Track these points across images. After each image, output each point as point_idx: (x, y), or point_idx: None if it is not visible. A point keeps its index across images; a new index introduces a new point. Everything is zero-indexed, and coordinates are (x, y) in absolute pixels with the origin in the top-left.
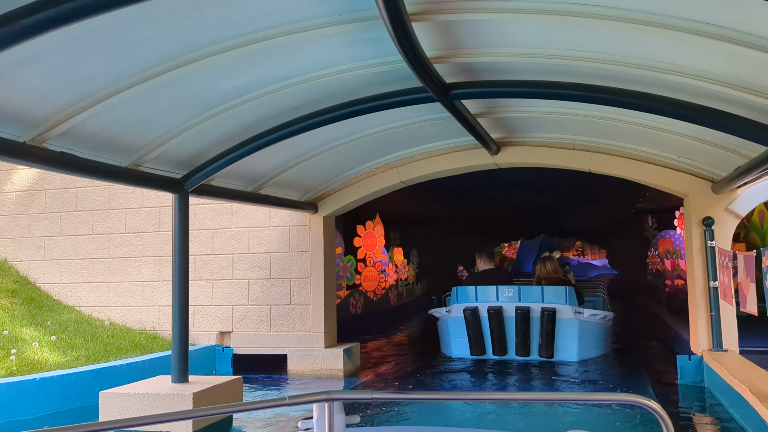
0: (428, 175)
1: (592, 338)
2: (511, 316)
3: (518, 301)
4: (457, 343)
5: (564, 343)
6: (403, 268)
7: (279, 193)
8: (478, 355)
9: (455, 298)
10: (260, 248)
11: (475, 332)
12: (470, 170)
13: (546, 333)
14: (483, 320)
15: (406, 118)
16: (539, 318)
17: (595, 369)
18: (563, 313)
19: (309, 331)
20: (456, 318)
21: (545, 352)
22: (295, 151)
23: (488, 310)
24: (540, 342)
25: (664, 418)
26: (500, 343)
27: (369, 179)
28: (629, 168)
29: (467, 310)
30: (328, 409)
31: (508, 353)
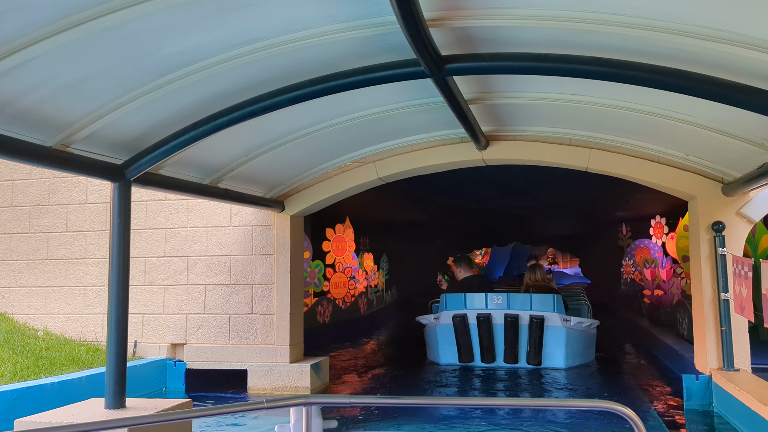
0: (409, 171)
1: (578, 346)
2: (499, 324)
3: (507, 309)
4: (445, 351)
5: (552, 350)
6: (373, 274)
7: (241, 188)
8: (467, 362)
9: (444, 305)
10: (219, 250)
11: (464, 339)
12: (455, 167)
13: (534, 340)
14: (472, 327)
15: (389, 103)
16: (528, 325)
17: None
18: (551, 321)
19: (272, 344)
20: (444, 325)
21: (533, 359)
22: (259, 139)
23: (477, 317)
24: (528, 349)
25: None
26: (489, 350)
27: (343, 175)
28: (630, 166)
29: (456, 317)
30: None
31: (497, 360)
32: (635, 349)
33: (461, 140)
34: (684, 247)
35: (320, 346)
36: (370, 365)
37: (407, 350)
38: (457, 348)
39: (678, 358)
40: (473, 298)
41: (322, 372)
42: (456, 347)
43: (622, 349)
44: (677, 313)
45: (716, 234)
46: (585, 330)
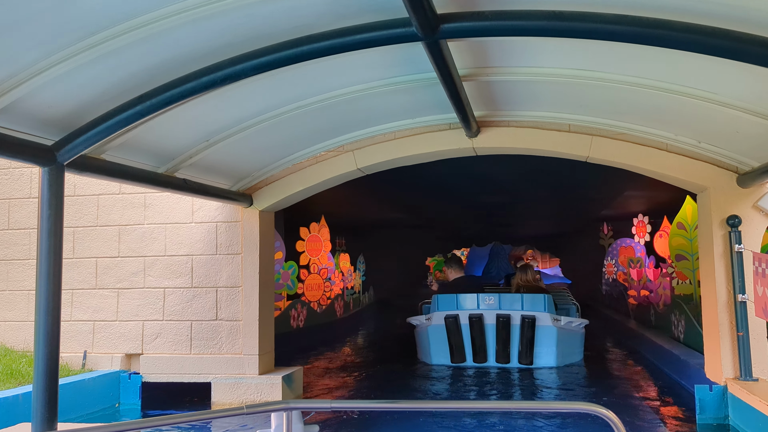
0: (391, 161)
1: (568, 345)
2: (491, 324)
3: (499, 309)
4: (437, 351)
5: (543, 350)
6: (350, 275)
7: (203, 179)
8: (459, 363)
9: (435, 305)
10: (180, 249)
11: (456, 340)
12: (442, 156)
13: (526, 340)
14: (464, 328)
15: (369, 80)
16: (519, 325)
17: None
18: (542, 321)
19: (239, 354)
20: (436, 326)
21: (525, 359)
22: (221, 120)
23: (470, 317)
24: (520, 349)
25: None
26: (481, 350)
27: (318, 165)
28: (636, 155)
29: (449, 317)
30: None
31: (488, 360)
32: (628, 352)
33: (449, 127)
34: (679, 245)
35: (294, 353)
36: (351, 370)
37: (389, 353)
38: (449, 348)
39: (681, 365)
40: (465, 298)
41: (295, 384)
42: (448, 348)
43: (613, 352)
44: (672, 315)
45: (731, 229)
46: (574, 329)
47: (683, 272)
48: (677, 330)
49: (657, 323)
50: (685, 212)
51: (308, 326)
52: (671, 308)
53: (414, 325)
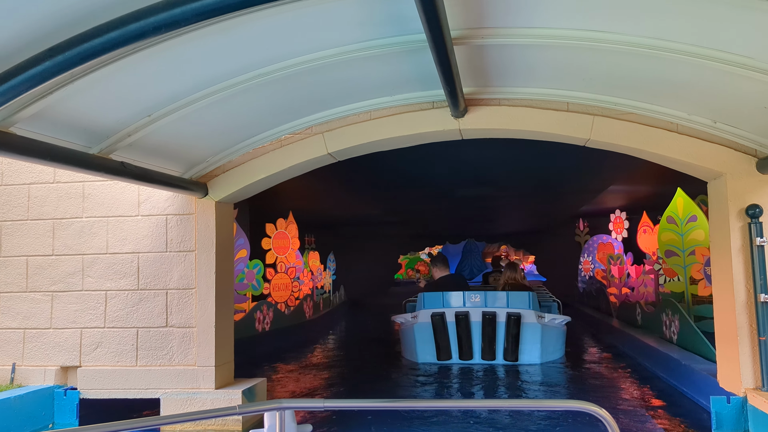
0: (366, 145)
1: (552, 342)
2: (477, 321)
3: (485, 307)
4: (423, 349)
5: (528, 346)
6: (320, 274)
7: (147, 163)
8: (445, 360)
9: (422, 304)
10: (124, 246)
11: (443, 338)
12: (424, 139)
13: (512, 337)
14: (450, 325)
15: (345, 43)
16: (505, 323)
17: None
18: (527, 318)
19: (193, 365)
20: (423, 324)
21: (510, 355)
22: (163, 91)
23: (456, 315)
24: (505, 346)
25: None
26: (467, 347)
27: (283, 150)
28: (642, 138)
29: (435, 315)
30: (279, 419)
31: (474, 357)
32: (614, 354)
33: (432, 105)
34: (669, 240)
35: (260, 359)
36: (322, 376)
37: (366, 355)
38: (436, 346)
39: (682, 371)
40: (451, 296)
41: (257, 398)
42: (434, 345)
43: (599, 354)
44: (662, 314)
45: (752, 220)
46: (557, 326)
47: (673, 269)
48: (669, 330)
49: (644, 323)
50: (675, 205)
51: (275, 329)
52: (662, 307)
53: (398, 323)
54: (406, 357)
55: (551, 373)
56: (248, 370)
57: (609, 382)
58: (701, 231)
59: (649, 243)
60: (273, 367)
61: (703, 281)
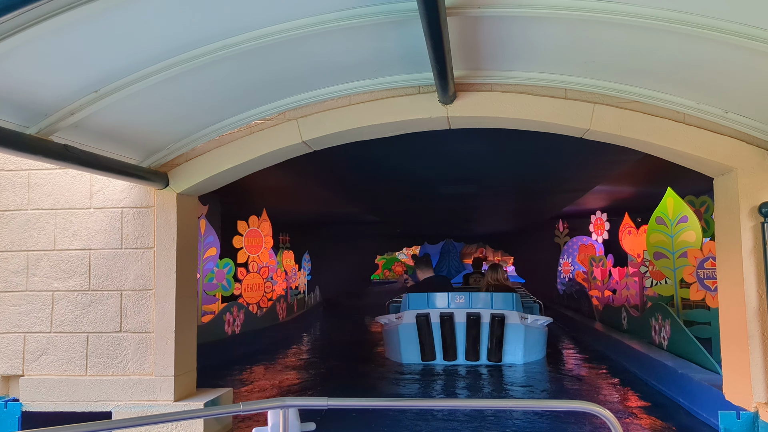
0: (345, 134)
1: (534, 342)
2: (461, 322)
3: (469, 308)
4: (407, 349)
5: (511, 347)
6: (294, 274)
7: (97, 148)
8: (429, 361)
9: (406, 304)
10: (74, 242)
11: (427, 338)
12: (407, 128)
13: (495, 338)
14: (434, 326)
15: (323, 11)
16: (489, 323)
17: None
18: (511, 319)
19: (149, 375)
20: (407, 324)
21: (494, 356)
22: (111, 60)
23: (440, 316)
24: (489, 346)
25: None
26: (451, 348)
27: (253, 137)
28: (646, 128)
29: (420, 316)
30: (282, 416)
31: (458, 358)
32: (601, 360)
33: (418, 90)
34: (658, 241)
35: (229, 364)
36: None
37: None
38: (420, 347)
39: (678, 381)
40: (435, 297)
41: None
42: (419, 346)
43: (583, 358)
44: (651, 319)
45: (765, 220)
46: (539, 327)
47: (662, 271)
48: (659, 336)
49: (631, 327)
50: (665, 206)
51: (246, 332)
52: (651, 311)
53: (382, 323)
54: (389, 357)
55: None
56: (216, 376)
57: (597, 390)
58: (692, 232)
59: (634, 244)
60: (243, 373)
61: (695, 284)
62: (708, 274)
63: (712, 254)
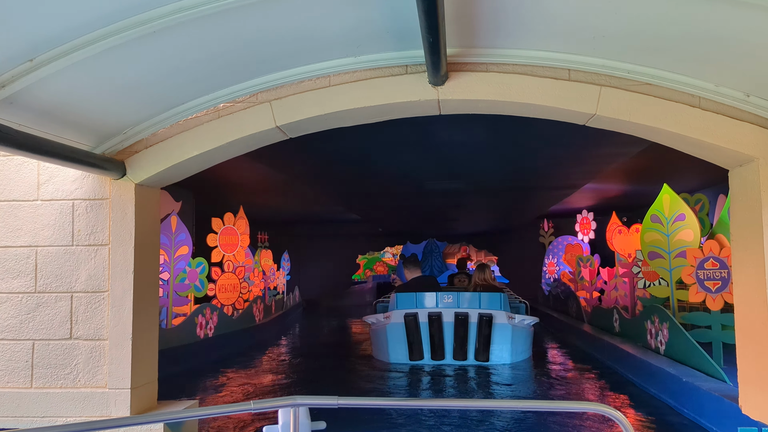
0: (324, 118)
1: (521, 342)
2: (449, 322)
3: (457, 307)
4: (395, 349)
5: (498, 347)
6: (273, 274)
7: (39, 130)
8: (417, 360)
9: (394, 304)
10: (18, 239)
11: (415, 338)
12: (393, 113)
13: (483, 338)
14: (422, 326)
15: None
16: (477, 323)
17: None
18: (498, 319)
19: (103, 387)
20: (395, 324)
21: (482, 356)
22: (50, 21)
23: (429, 316)
24: (477, 346)
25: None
26: (439, 347)
27: (221, 121)
28: (659, 114)
29: (408, 316)
30: (293, 415)
31: (446, 358)
32: (592, 365)
33: (405, 70)
34: (653, 241)
35: (201, 370)
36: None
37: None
38: (408, 346)
39: (684, 390)
40: (424, 297)
41: (186, 426)
42: (407, 345)
43: (575, 362)
44: (647, 321)
45: None
46: (526, 327)
47: (658, 272)
48: (655, 340)
49: (624, 330)
50: (660, 203)
51: (220, 335)
52: (646, 313)
53: (369, 323)
54: (376, 357)
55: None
56: (186, 381)
57: (593, 396)
58: (690, 231)
59: (625, 244)
60: (216, 378)
61: (694, 286)
62: (709, 274)
63: (713, 254)
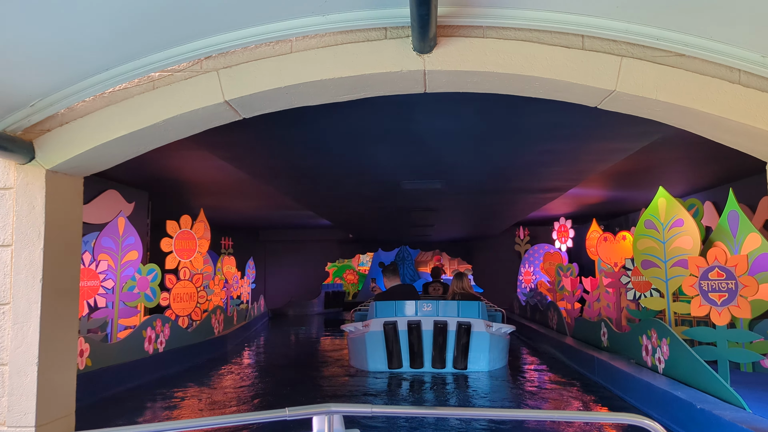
0: (284, 92)
1: (498, 350)
2: (429, 330)
3: (436, 316)
4: (374, 357)
5: (476, 355)
6: (236, 282)
7: None
8: (396, 368)
9: (374, 312)
10: None
11: (394, 346)
12: (368, 87)
13: (462, 346)
14: (402, 334)
15: None
16: (456, 331)
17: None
18: (476, 327)
19: (1, 425)
20: (374, 332)
21: (460, 363)
22: None
23: (408, 324)
24: (455, 354)
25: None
26: (418, 356)
27: (156, 93)
28: (690, 90)
29: (388, 324)
30: (328, 422)
31: (425, 366)
32: (581, 383)
33: (385, 34)
34: (647, 248)
35: (144, 391)
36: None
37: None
38: (387, 354)
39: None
40: (403, 305)
41: None
42: (386, 354)
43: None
44: (642, 336)
45: None
46: (503, 335)
47: (652, 282)
48: (652, 357)
49: (613, 344)
50: (656, 207)
51: (172, 349)
52: (641, 327)
53: (347, 332)
54: (355, 365)
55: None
56: (128, 402)
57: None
58: (688, 238)
59: (610, 252)
60: (167, 397)
61: (697, 298)
62: (713, 285)
63: (719, 263)
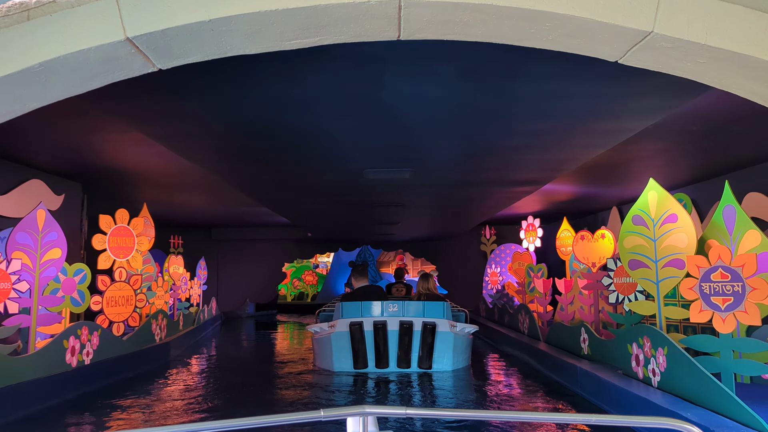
0: (210, 28)
1: (462, 349)
2: (394, 330)
3: (402, 316)
4: (340, 358)
5: (441, 354)
6: (184, 284)
7: None
8: (362, 369)
9: (339, 313)
10: None
11: (360, 346)
12: (326, 31)
13: (427, 345)
14: (367, 334)
15: None
16: (421, 331)
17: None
18: (441, 327)
19: None
20: (340, 333)
21: (425, 363)
22: None
23: (374, 324)
24: (420, 354)
25: None
26: (384, 356)
27: (31, 24)
28: (740, 31)
29: (354, 324)
30: (362, 424)
31: (390, 366)
32: (561, 396)
33: None
34: (635, 247)
35: (70, 407)
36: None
37: (231, 380)
38: (353, 355)
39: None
40: (370, 306)
41: None
42: (351, 354)
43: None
44: (632, 343)
45: None
46: (466, 335)
47: (641, 283)
48: (643, 368)
49: (595, 352)
50: (645, 201)
51: (102, 360)
52: (631, 334)
53: (312, 332)
54: (320, 366)
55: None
56: (43, 426)
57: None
58: (683, 235)
59: (588, 252)
60: (95, 415)
61: (697, 302)
62: (717, 288)
63: (723, 262)
